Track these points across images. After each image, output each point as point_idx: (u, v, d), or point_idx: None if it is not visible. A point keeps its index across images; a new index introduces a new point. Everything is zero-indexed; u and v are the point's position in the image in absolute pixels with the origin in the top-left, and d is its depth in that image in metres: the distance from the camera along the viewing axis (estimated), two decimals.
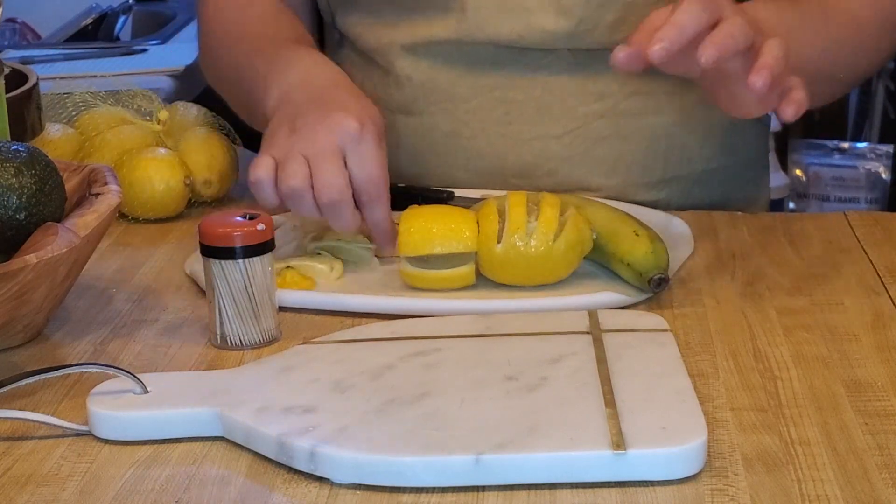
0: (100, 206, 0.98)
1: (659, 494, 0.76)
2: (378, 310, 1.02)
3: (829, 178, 2.97)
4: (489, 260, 1.03)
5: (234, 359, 0.96)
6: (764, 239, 1.15)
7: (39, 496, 0.79)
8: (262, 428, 0.81)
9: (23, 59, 1.99)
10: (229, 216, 0.97)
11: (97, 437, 0.85)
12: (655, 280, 1.01)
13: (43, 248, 0.92)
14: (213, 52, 1.30)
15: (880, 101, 2.98)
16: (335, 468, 0.78)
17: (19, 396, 0.90)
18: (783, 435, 0.83)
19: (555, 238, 1.02)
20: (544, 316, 0.97)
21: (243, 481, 0.80)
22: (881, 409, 0.85)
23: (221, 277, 0.95)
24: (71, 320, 1.03)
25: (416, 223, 1.04)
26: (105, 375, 0.88)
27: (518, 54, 1.21)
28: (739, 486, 0.77)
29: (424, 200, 1.16)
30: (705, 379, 0.90)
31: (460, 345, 0.92)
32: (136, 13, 2.63)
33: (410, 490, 0.77)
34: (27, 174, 0.97)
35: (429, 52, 1.23)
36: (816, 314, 1.00)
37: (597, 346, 0.91)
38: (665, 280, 1.02)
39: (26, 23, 2.53)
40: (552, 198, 1.04)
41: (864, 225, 1.18)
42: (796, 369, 0.91)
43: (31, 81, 1.27)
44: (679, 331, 0.97)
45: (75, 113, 1.34)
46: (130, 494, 0.78)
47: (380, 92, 1.26)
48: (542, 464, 0.77)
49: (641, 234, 1.04)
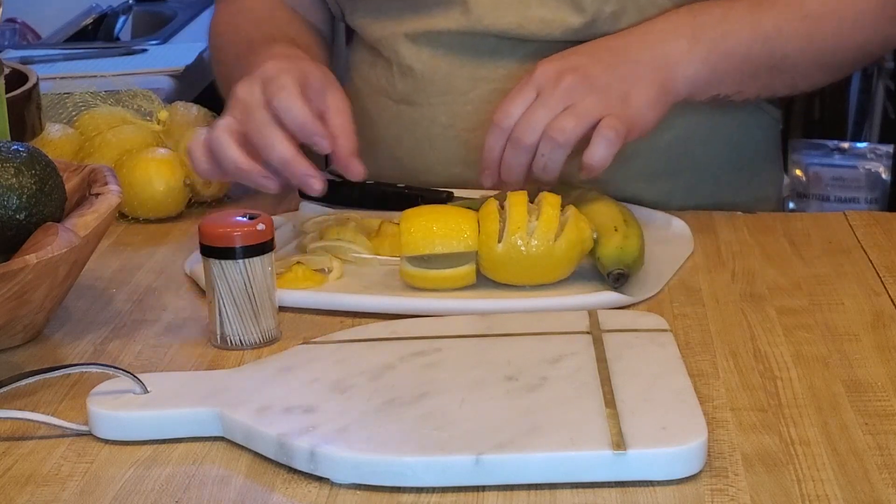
0: (100, 206, 0.98)
1: (659, 494, 0.76)
2: (378, 310, 1.02)
3: (829, 178, 2.97)
4: (490, 259, 1.03)
5: (234, 359, 0.96)
6: (764, 239, 1.15)
7: (39, 496, 0.79)
8: (262, 428, 0.81)
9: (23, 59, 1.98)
10: (229, 216, 0.97)
11: (97, 437, 0.85)
12: (614, 275, 1.03)
13: (43, 248, 0.92)
14: (214, 58, 1.33)
15: (880, 101, 2.98)
16: (335, 468, 0.78)
17: (19, 396, 0.90)
18: (783, 435, 0.83)
19: (555, 237, 1.02)
20: (544, 316, 0.97)
21: (243, 481, 0.80)
22: (881, 409, 0.85)
23: (221, 277, 0.95)
24: (71, 320, 1.03)
25: (416, 223, 1.04)
26: (105, 375, 0.88)
27: (518, 46, 1.22)
28: (739, 486, 0.77)
29: (424, 201, 1.16)
30: (705, 379, 0.90)
31: (460, 345, 0.92)
32: (136, 13, 2.63)
33: (410, 490, 0.77)
34: (27, 174, 0.97)
35: (431, 42, 1.24)
36: (816, 314, 1.00)
37: (597, 346, 0.91)
38: (623, 276, 1.03)
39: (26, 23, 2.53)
40: (552, 197, 1.05)
41: (864, 225, 1.18)
42: (796, 369, 0.91)
43: (31, 81, 1.27)
44: (679, 331, 0.97)
45: (75, 113, 1.34)
46: (130, 494, 0.78)
47: (384, 83, 1.29)
48: (542, 464, 0.77)
49: (619, 231, 1.05)
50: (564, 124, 1.08)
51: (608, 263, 1.04)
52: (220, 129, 1.06)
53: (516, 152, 1.09)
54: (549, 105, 1.09)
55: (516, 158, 1.10)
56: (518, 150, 1.09)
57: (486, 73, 1.24)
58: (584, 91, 1.09)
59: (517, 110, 1.10)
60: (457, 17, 1.22)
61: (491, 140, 1.11)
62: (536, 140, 1.08)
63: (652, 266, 1.07)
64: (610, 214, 1.07)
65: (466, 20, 1.22)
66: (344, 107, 1.09)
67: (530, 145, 1.09)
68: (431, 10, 1.23)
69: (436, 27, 1.24)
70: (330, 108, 1.09)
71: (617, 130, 1.08)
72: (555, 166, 1.09)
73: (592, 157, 1.08)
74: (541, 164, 1.09)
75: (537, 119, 1.09)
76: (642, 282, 1.05)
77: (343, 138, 1.07)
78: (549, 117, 1.08)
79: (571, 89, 1.09)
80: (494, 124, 1.10)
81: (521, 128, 1.09)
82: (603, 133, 1.08)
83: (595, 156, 1.08)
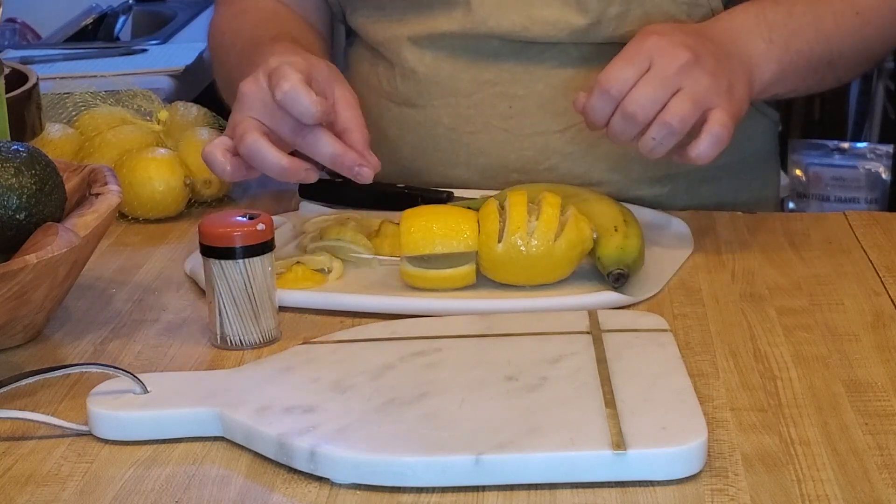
0: (100, 206, 0.98)
1: (659, 494, 0.76)
2: (378, 310, 1.02)
3: (829, 178, 2.97)
4: (490, 259, 1.03)
5: (234, 359, 0.96)
6: (764, 239, 1.15)
7: (39, 496, 0.79)
8: (262, 428, 0.81)
9: (23, 59, 1.98)
10: (229, 216, 0.97)
11: (97, 437, 0.85)
12: (614, 275, 1.03)
13: (43, 248, 0.92)
14: (215, 58, 1.33)
15: (880, 101, 2.98)
16: (335, 468, 0.78)
17: (19, 396, 0.90)
18: (783, 435, 0.83)
19: (555, 237, 1.02)
20: (544, 316, 0.97)
21: (243, 481, 0.80)
22: (881, 409, 0.85)
23: (221, 277, 0.95)
24: (71, 320, 1.03)
25: (416, 222, 1.04)
26: (105, 375, 0.88)
27: (521, 48, 1.22)
28: (739, 486, 0.77)
29: (424, 201, 1.17)
30: (705, 379, 0.90)
31: (460, 345, 0.92)
32: (136, 13, 2.63)
33: (410, 490, 0.77)
34: (27, 174, 0.97)
35: (433, 44, 1.24)
36: (816, 314, 1.00)
37: (597, 346, 0.91)
38: (623, 276, 1.03)
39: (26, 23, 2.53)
40: (553, 197, 1.05)
41: (864, 225, 1.18)
42: (796, 369, 0.91)
43: (31, 81, 1.26)
44: (679, 331, 0.97)
45: (75, 113, 1.34)
46: (130, 494, 0.78)
47: (385, 85, 1.28)
48: (542, 464, 0.77)
49: (620, 231, 1.05)
50: (682, 111, 1.04)
51: (608, 263, 1.04)
52: (251, 133, 1.01)
53: (627, 125, 1.05)
54: (667, 83, 1.04)
55: (625, 132, 1.05)
56: (630, 123, 1.05)
57: (490, 76, 1.23)
58: (698, 74, 1.05)
59: (629, 78, 1.05)
60: (459, 19, 1.22)
61: (598, 103, 1.05)
62: (651, 118, 1.04)
63: (652, 266, 1.08)
64: (610, 214, 1.07)
65: (470, 22, 1.21)
66: (352, 99, 1.07)
67: (644, 122, 1.04)
68: (434, 11, 1.23)
69: (438, 29, 1.23)
70: (339, 100, 1.06)
71: (728, 129, 1.05)
72: (663, 150, 1.05)
73: (699, 152, 1.05)
74: (649, 145, 1.05)
75: (654, 96, 1.04)
76: (642, 282, 1.05)
77: (356, 132, 1.04)
78: (665, 96, 1.04)
79: (687, 69, 1.05)
80: (602, 89, 1.05)
81: (636, 102, 1.04)
82: (714, 131, 1.04)
83: (702, 153, 1.05)
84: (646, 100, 1.04)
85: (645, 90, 1.04)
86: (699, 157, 1.05)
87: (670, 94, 1.04)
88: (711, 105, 1.05)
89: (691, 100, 1.04)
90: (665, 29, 1.09)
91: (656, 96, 1.04)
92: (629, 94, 1.04)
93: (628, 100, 1.04)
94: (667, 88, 1.04)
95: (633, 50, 1.06)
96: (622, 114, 1.04)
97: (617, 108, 1.05)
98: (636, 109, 1.04)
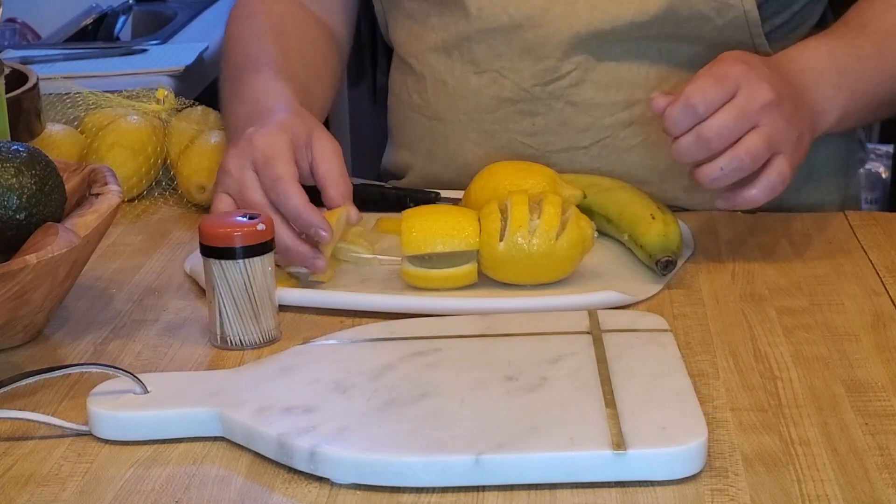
0: (100, 206, 0.98)
1: (659, 494, 0.76)
2: (378, 309, 1.02)
3: None
4: (491, 258, 1.03)
5: (234, 359, 0.96)
6: (764, 239, 1.15)
7: (39, 496, 0.79)
8: (262, 428, 0.81)
9: (23, 59, 1.98)
10: (229, 216, 0.97)
11: (97, 437, 0.85)
12: (662, 262, 1.04)
13: (43, 248, 0.92)
14: (223, 53, 1.32)
15: None
16: (335, 468, 0.78)
17: (19, 396, 0.90)
18: (783, 435, 0.83)
19: (557, 236, 1.02)
20: (544, 316, 0.97)
21: (243, 481, 0.80)
22: (881, 409, 0.85)
23: (221, 277, 0.95)
24: (71, 320, 1.03)
25: (418, 222, 1.04)
26: (105, 375, 0.88)
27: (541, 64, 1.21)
28: (739, 486, 0.77)
29: (413, 202, 1.17)
30: (705, 379, 0.90)
31: (460, 345, 0.92)
32: (136, 13, 2.62)
33: (410, 490, 0.77)
34: (27, 174, 0.97)
35: (460, 56, 1.24)
36: (816, 314, 1.00)
37: (597, 346, 0.91)
38: (672, 262, 1.04)
39: (26, 23, 2.53)
40: (554, 196, 1.05)
41: (864, 225, 1.18)
42: (796, 369, 0.91)
43: (31, 81, 1.26)
44: (679, 331, 0.97)
45: (75, 113, 1.34)
46: (130, 494, 0.78)
47: (416, 99, 1.29)
48: (542, 464, 0.77)
49: (657, 218, 1.06)
50: (756, 149, 1.03)
51: (654, 251, 1.04)
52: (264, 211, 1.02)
53: (698, 148, 1.03)
54: (748, 116, 1.02)
55: (693, 154, 1.03)
56: (701, 147, 1.03)
57: (509, 94, 1.23)
58: (777, 116, 1.04)
59: (716, 100, 1.02)
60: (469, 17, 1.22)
61: (680, 115, 1.02)
62: (724, 148, 1.02)
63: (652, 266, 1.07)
64: (642, 203, 1.09)
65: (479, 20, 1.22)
66: (329, 149, 1.07)
67: (716, 150, 1.02)
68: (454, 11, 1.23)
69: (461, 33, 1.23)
70: (315, 158, 1.07)
71: (786, 181, 1.04)
72: (725, 182, 1.04)
73: (752, 196, 1.05)
74: (714, 174, 1.03)
75: (734, 127, 1.02)
76: (642, 282, 1.05)
77: (330, 188, 1.06)
78: (742, 130, 1.02)
79: (769, 108, 1.03)
80: (689, 103, 1.02)
81: (715, 129, 1.02)
82: (773, 179, 1.04)
83: (755, 197, 1.04)
84: (725, 129, 1.02)
85: (726, 119, 1.02)
86: (749, 201, 1.05)
87: (748, 128, 1.03)
88: (779, 150, 1.04)
89: (766, 140, 1.03)
90: (751, 60, 1.07)
91: (736, 127, 1.02)
92: (710, 119, 1.02)
93: (707, 125, 1.02)
94: (747, 122, 1.03)
95: (721, 72, 1.04)
96: (698, 135, 1.02)
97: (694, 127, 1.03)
98: (713, 136, 1.02)
